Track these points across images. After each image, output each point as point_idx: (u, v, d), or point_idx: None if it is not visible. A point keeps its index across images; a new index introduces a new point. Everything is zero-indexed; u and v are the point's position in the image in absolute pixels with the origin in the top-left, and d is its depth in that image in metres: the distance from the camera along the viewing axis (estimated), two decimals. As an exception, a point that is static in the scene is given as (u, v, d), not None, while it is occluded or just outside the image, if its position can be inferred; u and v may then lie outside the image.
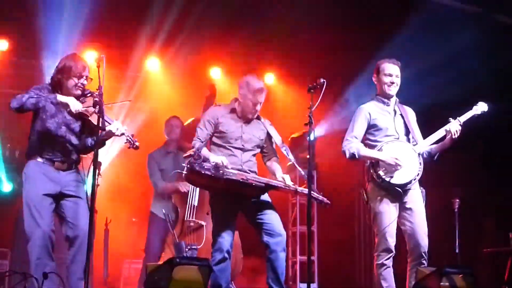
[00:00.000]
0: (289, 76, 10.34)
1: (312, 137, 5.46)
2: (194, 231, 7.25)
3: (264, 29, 9.02)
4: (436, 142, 5.95)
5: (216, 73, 10.45)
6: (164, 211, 7.39)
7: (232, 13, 8.79)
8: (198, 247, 7.06)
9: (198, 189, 7.33)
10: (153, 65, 10.14)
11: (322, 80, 5.29)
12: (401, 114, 6.04)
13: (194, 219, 7.29)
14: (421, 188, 5.96)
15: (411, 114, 6.13)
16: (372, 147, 5.95)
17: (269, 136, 6.04)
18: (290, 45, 9.37)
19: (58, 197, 5.41)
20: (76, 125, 5.53)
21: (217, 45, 9.65)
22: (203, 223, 7.27)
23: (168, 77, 10.31)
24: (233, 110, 5.96)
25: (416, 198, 5.89)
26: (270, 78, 10.57)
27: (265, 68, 10.28)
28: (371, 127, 5.99)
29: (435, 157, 6.00)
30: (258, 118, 6.03)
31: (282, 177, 5.81)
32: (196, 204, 7.34)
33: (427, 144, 5.94)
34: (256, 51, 9.61)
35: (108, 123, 5.42)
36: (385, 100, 6.04)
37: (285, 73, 10.43)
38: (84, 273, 4.76)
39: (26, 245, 5.34)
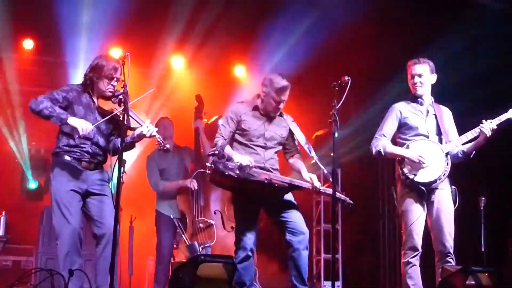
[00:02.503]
0: (314, 73, 10.30)
1: (336, 135, 5.43)
2: (205, 230, 7.25)
3: (288, 26, 9.02)
4: (470, 141, 5.92)
5: (240, 71, 10.47)
6: (172, 216, 7.40)
7: (256, 11, 8.78)
8: (211, 244, 7.09)
9: (201, 189, 7.36)
10: (178, 63, 10.18)
11: (347, 78, 5.27)
12: (434, 114, 6.04)
13: (203, 219, 7.28)
14: (452, 187, 5.95)
15: (446, 114, 6.12)
16: (402, 145, 6.00)
17: (291, 133, 6.00)
18: (315, 42, 9.33)
19: (84, 195, 5.46)
20: (107, 127, 5.57)
21: (241, 43, 9.65)
22: (212, 221, 7.27)
23: (192, 75, 10.34)
24: (255, 107, 5.90)
25: (444, 197, 5.88)
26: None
27: (288, 66, 10.25)
28: (402, 126, 6.03)
29: (471, 155, 5.98)
30: (280, 114, 5.97)
31: (309, 177, 5.76)
32: (202, 204, 7.35)
33: (459, 144, 5.92)
34: (280, 48, 9.60)
35: (140, 124, 5.45)
36: (418, 100, 6.06)
37: (309, 70, 10.40)
38: (110, 270, 4.78)
39: (54, 242, 5.39)
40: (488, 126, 5.77)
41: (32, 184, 9.85)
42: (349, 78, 5.25)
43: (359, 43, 9.26)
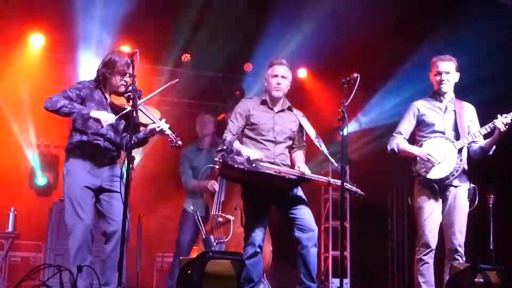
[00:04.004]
0: (322, 70, 10.30)
1: (345, 132, 5.42)
2: (222, 226, 7.23)
3: (296, 23, 9.01)
4: (489, 136, 5.92)
5: (248, 68, 10.46)
6: (192, 208, 7.41)
7: (264, 8, 8.77)
8: (226, 240, 7.08)
9: (224, 184, 7.33)
10: (185, 60, 10.18)
11: (355, 74, 5.26)
12: (454, 111, 6.04)
13: (221, 214, 7.27)
14: (471, 185, 5.96)
15: (468, 110, 6.11)
16: (420, 142, 6.05)
17: (300, 128, 5.99)
18: (323, 39, 9.32)
19: (97, 192, 5.45)
20: (119, 123, 5.55)
21: (249, 40, 9.64)
22: (231, 217, 7.24)
23: (200, 71, 10.34)
24: (263, 102, 5.91)
25: (458, 195, 5.92)
26: (302, 73, 10.55)
27: (298, 63, 10.23)
28: (420, 123, 6.09)
29: (490, 151, 5.99)
30: (290, 109, 5.97)
31: (298, 166, 5.70)
32: (223, 199, 7.32)
33: (473, 139, 5.91)
34: (289, 46, 9.58)
35: (152, 120, 5.45)
36: (438, 97, 6.08)
37: (318, 67, 10.39)
38: (118, 267, 4.79)
39: (63, 238, 5.40)
40: (502, 120, 5.76)
41: (41, 180, 9.86)
42: (358, 75, 5.25)
43: (367, 41, 9.24)
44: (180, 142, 5.50)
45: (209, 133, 7.87)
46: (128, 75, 5.45)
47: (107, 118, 5.25)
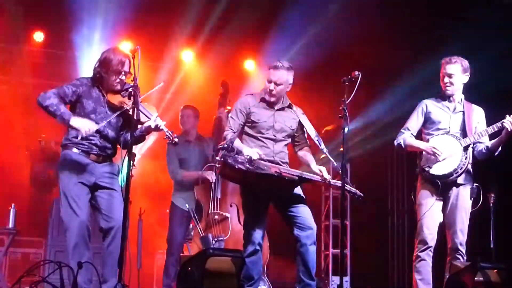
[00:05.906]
0: (323, 68, 10.28)
1: (346, 130, 5.42)
2: (220, 223, 7.21)
3: (298, 21, 9.00)
4: (494, 136, 5.93)
5: (250, 65, 10.48)
6: (188, 206, 7.38)
7: (267, 5, 8.77)
8: (225, 238, 7.08)
9: (220, 181, 7.32)
10: (187, 57, 10.19)
11: (357, 72, 5.26)
12: (462, 111, 6.05)
13: (218, 211, 7.25)
14: (475, 184, 5.97)
15: (477, 113, 6.11)
16: (425, 140, 6.06)
17: (301, 125, 5.96)
18: (326, 37, 9.31)
19: (93, 188, 5.46)
20: (116, 120, 5.56)
21: (252, 37, 9.63)
22: (227, 214, 7.23)
23: (203, 69, 10.34)
24: (263, 99, 5.88)
25: (461, 194, 5.94)
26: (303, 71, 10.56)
27: (300, 61, 10.22)
28: (427, 120, 6.12)
29: (495, 152, 6.01)
30: (289, 106, 5.95)
31: (319, 169, 5.72)
32: (219, 196, 7.30)
33: (479, 138, 5.92)
34: (291, 44, 9.58)
35: (148, 117, 5.45)
36: (447, 98, 6.08)
37: (319, 65, 10.37)
38: (118, 263, 4.79)
39: (63, 234, 5.41)
40: (511, 120, 5.75)
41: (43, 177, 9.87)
42: (360, 73, 5.25)
43: (369, 39, 9.24)
44: (176, 139, 5.52)
45: (190, 127, 7.83)
46: (123, 73, 5.46)
47: (87, 127, 5.25)
